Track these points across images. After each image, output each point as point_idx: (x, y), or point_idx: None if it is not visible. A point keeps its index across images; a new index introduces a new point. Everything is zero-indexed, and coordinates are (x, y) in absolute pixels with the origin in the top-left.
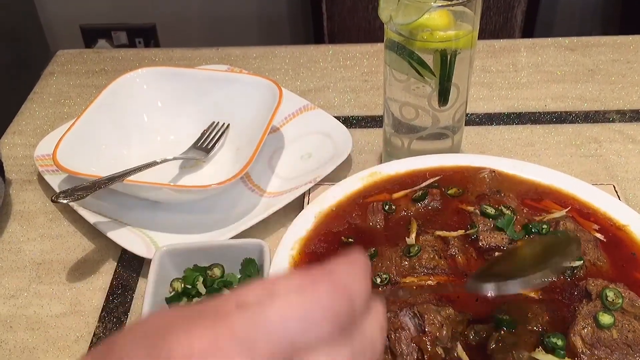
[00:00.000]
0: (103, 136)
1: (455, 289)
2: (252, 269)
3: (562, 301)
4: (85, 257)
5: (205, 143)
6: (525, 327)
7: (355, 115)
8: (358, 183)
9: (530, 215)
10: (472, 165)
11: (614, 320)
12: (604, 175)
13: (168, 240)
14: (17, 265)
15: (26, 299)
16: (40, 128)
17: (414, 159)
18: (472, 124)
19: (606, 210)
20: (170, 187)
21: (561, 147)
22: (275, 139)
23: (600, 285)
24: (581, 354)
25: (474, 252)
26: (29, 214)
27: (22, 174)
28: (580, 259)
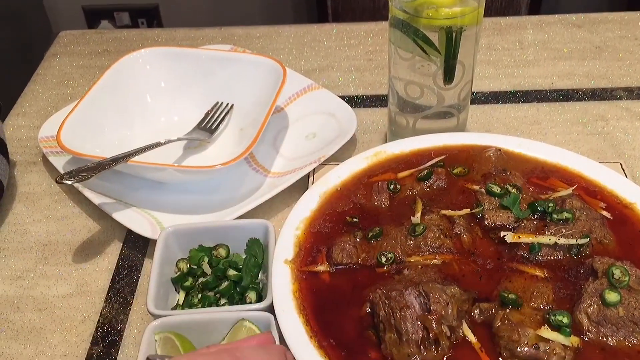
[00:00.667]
0: (107, 117)
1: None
2: (257, 249)
3: (568, 279)
4: (90, 238)
5: (210, 123)
6: (530, 306)
7: (359, 95)
8: (363, 162)
9: (537, 194)
10: (478, 144)
11: (620, 297)
12: (610, 153)
13: (173, 220)
14: (23, 246)
15: (32, 280)
16: (44, 109)
17: (419, 138)
18: (478, 103)
19: (613, 188)
20: (174, 167)
21: (568, 125)
22: (279, 119)
23: (606, 263)
24: (587, 332)
25: (480, 231)
26: (34, 195)
27: (26, 155)
28: (587, 236)
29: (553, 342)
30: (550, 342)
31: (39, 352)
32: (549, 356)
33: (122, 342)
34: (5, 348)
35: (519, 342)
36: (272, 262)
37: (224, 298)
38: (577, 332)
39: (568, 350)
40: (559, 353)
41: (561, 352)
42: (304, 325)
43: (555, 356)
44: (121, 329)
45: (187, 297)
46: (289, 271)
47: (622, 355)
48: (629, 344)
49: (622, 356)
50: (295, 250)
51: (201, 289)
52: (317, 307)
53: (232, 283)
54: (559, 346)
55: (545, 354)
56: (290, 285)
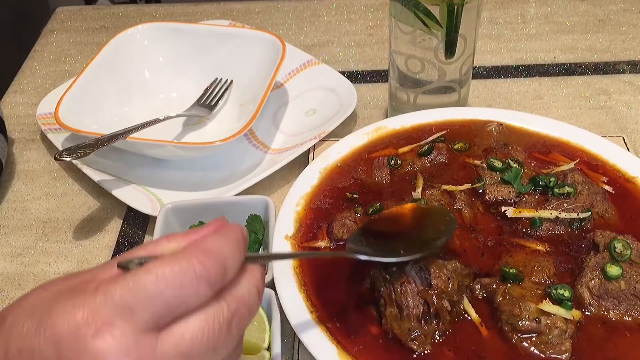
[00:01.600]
0: (105, 94)
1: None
2: (258, 225)
3: (569, 253)
4: (90, 215)
5: (209, 100)
6: (531, 280)
7: (360, 70)
8: (363, 138)
9: (538, 168)
10: (479, 119)
11: (622, 271)
12: (613, 127)
13: (173, 197)
14: (23, 223)
15: (33, 257)
16: (41, 87)
17: (420, 113)
18: (479, 77)
19: (615, 162)
20: (174, 144)
21: (570, 99)
22: (279, 95)
23: (608, 237)
24: (588, 306)
25: (481, 206)
26: (33, 172)
27: (24, 133)
28: (588, 210)
29: (554, 316)
30: (551, 316)
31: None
32: (550, 330)
33: None
34: None
35: (520, 316)
36: (273, 238)
37: None
38: (578, 306)
39: (569, 324)
40: (561, 327)
41: (562, 326)
42: (304, 301)
43: (556, 330)
44: None
45: None
46: (290, 247)
47: (624, 329)
48: (630, 317)
49: (623, 329)
50: (295, 226)
51: None
52: (317, 283)
53: None
54: (561, 320)
55: (547, 327)
56: (290, 261)
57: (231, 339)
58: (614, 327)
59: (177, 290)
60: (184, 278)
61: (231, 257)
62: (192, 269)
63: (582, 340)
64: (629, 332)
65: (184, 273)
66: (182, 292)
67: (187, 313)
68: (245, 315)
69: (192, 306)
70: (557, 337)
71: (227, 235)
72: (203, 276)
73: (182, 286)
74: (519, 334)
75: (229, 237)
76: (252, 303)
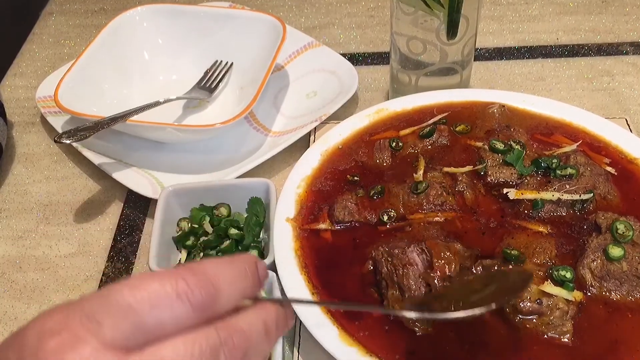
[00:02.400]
0: (104, 76)
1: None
2: (259, 208)
3: (571, 235)
4: (91, 198)
5: (209, 82)
6: (533, 262)
7: (361, 52)
8: (364, 120)
9: (540, 150)
10: (481, 101)
11: (624, 252)
12: (616, 109)
13: (174, 180)
14: (23, 207)
15: (34, 240)
16: (40, 69)
17: (421, 94)
18: (482, 59)
19: (618, 143)
20: (174, 126)
21: (573, 81)
22: (279, 78)
23: (610, 218)
24: (590, 287)
25: (482, 188)
26: (33, 156)
27: (24, 116)
28: (590, 192)
29: (556, 297)
30: (553, 297)
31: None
32: (551, 311)
33: None
34: (9, 307)
35: (521, 297)
36: (274, 221)
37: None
38: (580, 288)
39: (571, 305)
40: (562, 308)
41: (564, 307)
42: (306, 283)
43: (558, 311)
44: None
45: (189, 256)
46: (291, 229)
47: (625, 310)
48: (632, 298)
49: (625, 310)
50: (296, 209)
51: (203, 248)
52: (319, 265)
53: (234, 242)
54: (562, 301)
55: (548, 308)
56: (292, 243)
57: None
58: (616, 308)
59: (152, 307)
60: (161, 294)
61: (229, 283)
62: (172, 286)
63: (583, 321)
64: (631, 313)
65: (162, 289)
66: (158, 311)
67: (163, 336)
68: (240, 347)
69: (169, 329)
70: (559, 319)
71: (232, 262)
72: (184, 295)
73: (158, 303)
74: (520, 315)
75: (234, 264)
76: (252, 336)
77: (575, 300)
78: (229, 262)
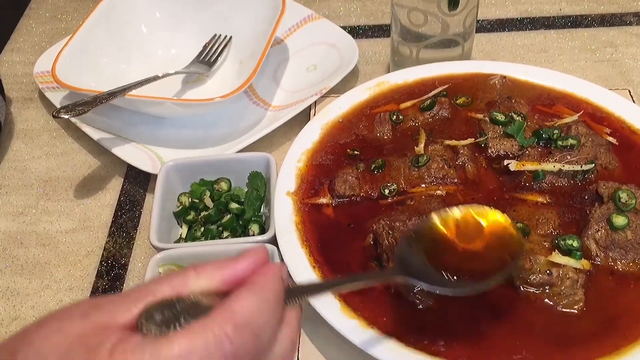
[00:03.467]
0: (102, 50)
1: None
2: (259, 182)
3: (573, 206)
4: (91, 173)
5: (208, 56)
6: (538, 233)
7: (361, 25)
8: (365, 93)
9: (542, 121)
10: (483, 72)
11: (627, 221)
12: (619, 80)
13: (173, 155)
14: (23, 183)
15: (35, 216)
16: (38, 45)
17: (422, 67)
18: (483, 31)
19: (620, 113)
20: (173, 101)
21: (576, 52)
22: (279, 51)
23: (612, 187)
24: (595, 257)
25: (484, 160)
26: (32, 132)
27: (22, 91)
28: (592, 162)
29: (565, 267)
30: (562, 267)
31: (44, 286)
32: (562, 281)
33: (126, 276)
34: (11, 282)
35: (531, 269)
36: (274, 195)
37: (227, 231)
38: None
39: (580, 274)
40: (572, 277)
41: (574, 276)
42: (307, 257)
43: (568, 280)
44: (125, 262)
45: (189, 230)
46: (292, 203)
47: (631, 278)
48: (637, 266)
49: (630, 278)
50: (297, 183)
51: (203, 223)
52: (320, 239)
53: (235, 216)
54: (571, 270)
55: (559, 279)
56: (292, 217)
57: None
58: (622, 277)
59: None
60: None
61: (265, 324)
62: (220, 347)
63: (592, 291)
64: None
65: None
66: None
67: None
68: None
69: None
70: (569, 288)
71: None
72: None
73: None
74: (531, 287)
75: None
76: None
77: (583, 269)
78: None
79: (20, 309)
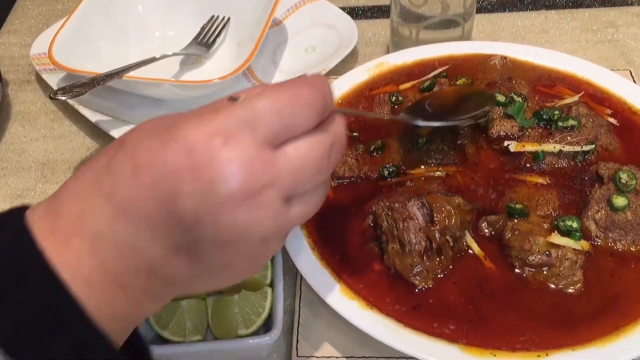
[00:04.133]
0: (99, 32)
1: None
2: None
3: (573, 187)
4: (89, 156)
5: (206, 38)
6: (537, 214)
7: (360, 6)
8: (364, 74)
9: (542, 102)
10: (483, 53)
11: (628, 202)
12: (620, 61)
13: None
14: (21, 165)
15: (33, 199)
16: (35, 26)
17: (422, 47)
18: (484, 11)
19: (621, 94)
20: (171, 82)
21: (577, 32)
22: (278, 33)
23: (612, 168)
24: (595, 238)
25: (484, 141)
26: (30, 114)
27: (19, 74)
28: (592, 143)
29: (564, 248)
30: (561, 248)
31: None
32: (561, 262)
33: None
34: None
35: (530, 250)
36: None
37: None
38: (585, 239)
39: (579, 254)
40: (571, 258)
41: (573, 257)
42: (306, 238)
43: (567, 261)
44: None
45: None
46: None
47: (631, 259)
48: (637, 247)
49: (630, 259)
50: None
51: None
52: (319, 220)
53: None
54: (570, 251)
55: (557, 259)
56: None
57: (329, 167)
58: (622, 258)
59: (291, 112)
60: (296, 102)
61: (329, 94)
62: (302, 95)
63: (592, 272)
64: (635, 263)
65: (296, 98)
66: (295, 114)
67: (297, 136)
68: (339, 149)
69: (300, 130)
70: (568, 269)
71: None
72: (311, 103)
73: (295, 108)
74: (529, 268)
75: (326, 81)
76: (343, 140)
77: (583, 250)
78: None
79: None
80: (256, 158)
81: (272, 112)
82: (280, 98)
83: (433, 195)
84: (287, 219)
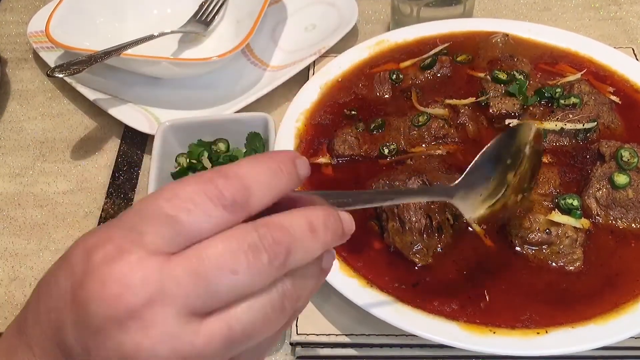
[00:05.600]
0: (97, 9)
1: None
2: (257, 143)
3: (574, 165)
4: (88, 135)
5: (205, 15)
6: (538, 192)
7: None
8: (365, 52)
9: (544, 80)
10: (485, 30)
11: (629, 179)
12: (623, 39)
13: (170, 116)
14: (19, 144)
15: (32, 177)
16: (31, 4)
17: (423, 25)
18: None
19: (623, 72)
20: (169, 60)
21: (579, 10)
22: (277, 10)
23: (614, 146)
24: (596, 216)
25: (485, 119)
26: (28, 92)
27: (17, 52)
28: (594, 121)
29: (564, 226)
30: (561, 226)
31: (42, 246)
32: (561, 240)
33: None
34: (9, 243)
35: (530, 228)
36: None
37: None
38: (586, 217)
39: (579, 233)
40: (571, 236)
41: (573, 235)
42: None
43: (567, 239)
44: None
45: None
46: None
47: (631, 237)
48: (638, 225)
49: (631, 237)
50: (296, 143)
51: None
52: None
53: None
54: (571, 229)
55: (557, 237)
56: None
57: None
58: (622, 236)
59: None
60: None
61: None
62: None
63: (592, 250)
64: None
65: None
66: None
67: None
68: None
69: (206, 232)
70: (568, 247)
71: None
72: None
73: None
74: (529, 246)
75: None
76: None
77: (583, 228)
78: (262, 161)
79: (19, 270)
80: (137, 268)
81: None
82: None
83: (433, 173)
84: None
